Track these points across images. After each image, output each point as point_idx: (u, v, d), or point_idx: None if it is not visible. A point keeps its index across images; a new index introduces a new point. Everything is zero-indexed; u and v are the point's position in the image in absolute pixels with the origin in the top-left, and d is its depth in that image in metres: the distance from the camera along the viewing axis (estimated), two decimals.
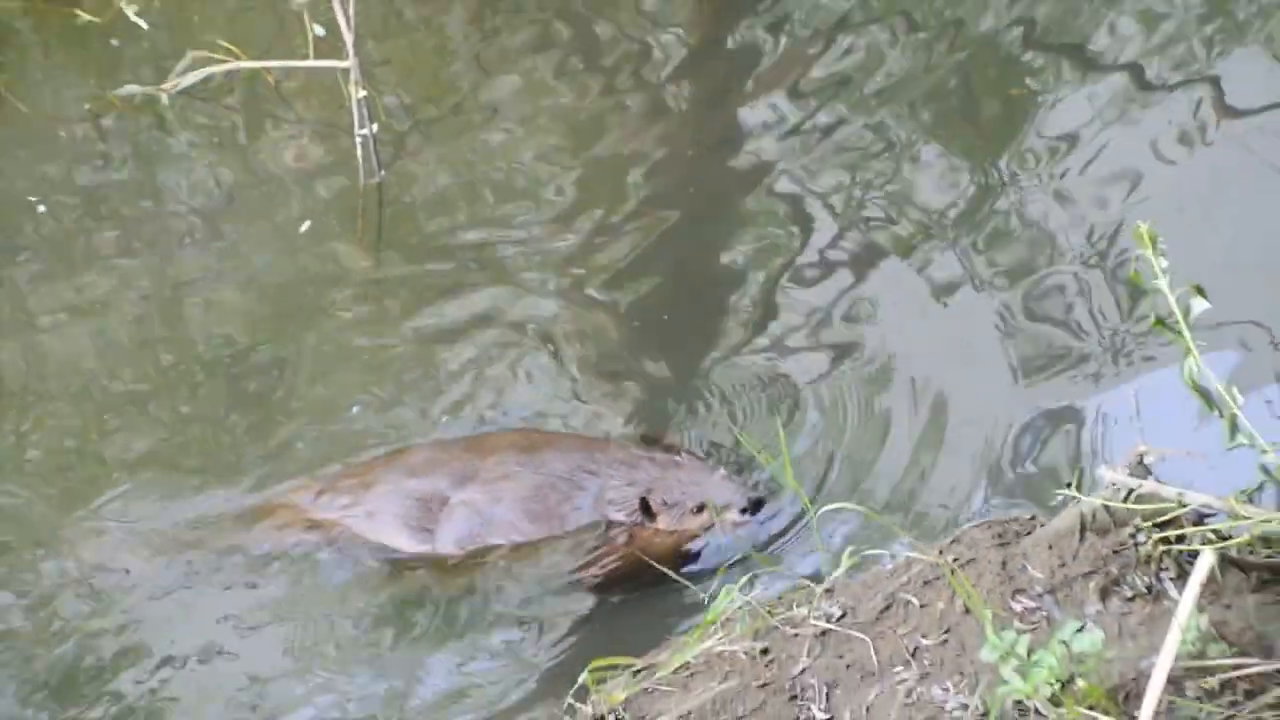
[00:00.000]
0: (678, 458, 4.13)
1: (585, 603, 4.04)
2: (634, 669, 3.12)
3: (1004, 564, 2.95)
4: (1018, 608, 2.85)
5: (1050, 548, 2.92)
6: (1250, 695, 2.52)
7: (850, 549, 3.34)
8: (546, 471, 4.08)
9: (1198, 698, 2.54)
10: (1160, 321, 2.71)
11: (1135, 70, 4.91)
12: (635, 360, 4.62)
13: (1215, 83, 4.79)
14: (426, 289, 4.91)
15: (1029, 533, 3.04)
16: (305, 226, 5.10)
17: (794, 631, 3.01)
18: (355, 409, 4.57)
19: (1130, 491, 2.80)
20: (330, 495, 4.21)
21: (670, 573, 3.85)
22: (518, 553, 4.05)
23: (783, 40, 5.36)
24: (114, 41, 5.55)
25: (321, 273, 5.02)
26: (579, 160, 5.21)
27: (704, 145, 5.17)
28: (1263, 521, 2.62)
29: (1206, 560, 2.55)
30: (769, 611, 3.10)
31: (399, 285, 4.94)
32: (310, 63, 5.17)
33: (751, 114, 5.20)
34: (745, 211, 4.89)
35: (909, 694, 2.77)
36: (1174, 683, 2.52)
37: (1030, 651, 2.53)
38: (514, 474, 4.09)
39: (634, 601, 4.01)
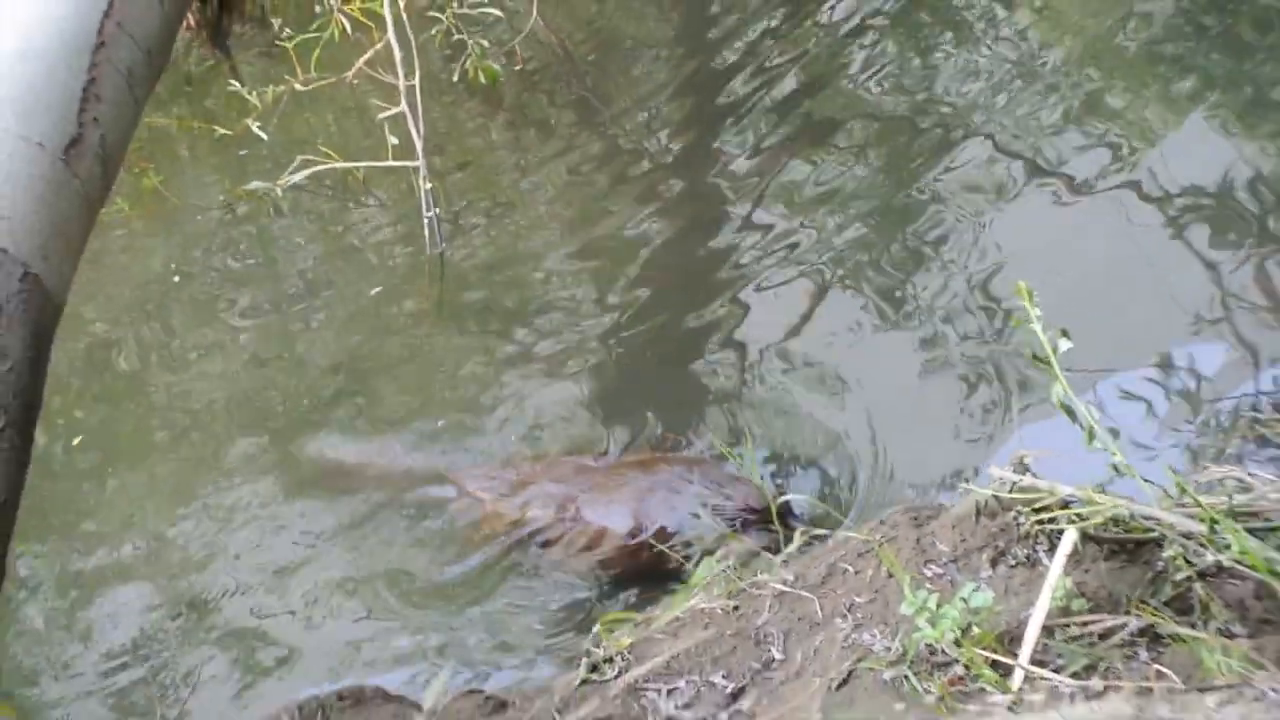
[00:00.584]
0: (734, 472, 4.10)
1: (604, 577, 4.06)
2: (636, 621, 3.19)
3: (918, 540, 2.99)
4: (929, 574, 2.89)
5: (953, 528, 2.96)
6: (1103, 637, 2.57)
7: (801, 529, 3.39)
8: (653, 480, 4.08)
9: (1065, 640, 2.57)
10: (1035, 356, 2.77)
11: (1029, 162, 4.92)
12: (645, 393, 4.66)
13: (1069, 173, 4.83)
14: (478, 336, 4.97)
15: (937, 516, 3.08)
16: (379, 290, 5.17)
17: (758, 592, 3.06)
18: (440, 423, 4.64)
19: (1013, 484, 2.86)
20: (493, 480, 4.31)
21: (669, 551, 3.88)
22: (622, 543, 4.02)
23: (752, 144, 5.41)
24: (242, 150, 5.66)
25: (397, 323, 5.10)
26: (594, 238, 5.28)
27: (694, 227, 5.23)
28: (1112, 506, 2.68)
29: (1070, 536, 2.62)
30: (739, 577, 3.15)
31: (457, 334, 5.01)
32: (388, 163, 5.26)
33: (731, 204, 5.26)
34: (725, 280, 4.93)
35: (846, 639, 2.81)
36: (1047, 629, 2.57)
37: (938, 606, 2.56)
38: (629, 480, 4.12)
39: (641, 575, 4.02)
